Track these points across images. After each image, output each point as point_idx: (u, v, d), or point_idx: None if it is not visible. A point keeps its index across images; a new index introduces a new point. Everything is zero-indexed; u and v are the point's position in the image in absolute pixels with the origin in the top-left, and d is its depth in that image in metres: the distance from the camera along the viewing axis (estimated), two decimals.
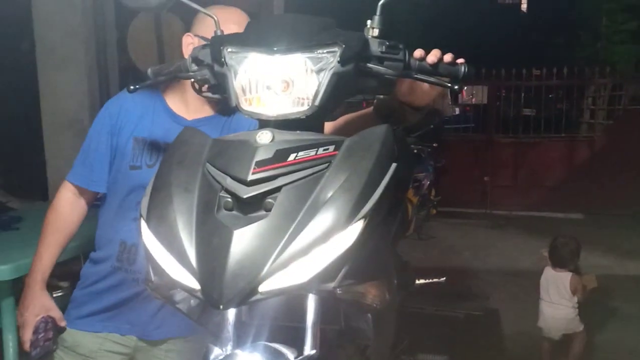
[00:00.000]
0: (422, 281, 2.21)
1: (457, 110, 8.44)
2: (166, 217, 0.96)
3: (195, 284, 0.90)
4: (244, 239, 0.89)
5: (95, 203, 1.60)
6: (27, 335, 1.47)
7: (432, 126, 5.01)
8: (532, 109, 7.85)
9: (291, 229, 0.91)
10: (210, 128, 1.35)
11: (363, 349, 1.30)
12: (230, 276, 0.87)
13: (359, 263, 0.95)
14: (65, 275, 1.81)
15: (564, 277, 2.84)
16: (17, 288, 1.82)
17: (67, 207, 1.55)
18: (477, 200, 6.30)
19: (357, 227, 0.93)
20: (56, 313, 1.50)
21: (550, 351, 2.91)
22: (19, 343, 1.63)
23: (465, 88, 6.92)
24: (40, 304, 1.49)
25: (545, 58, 7.12)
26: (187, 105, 1.49)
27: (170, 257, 0.93)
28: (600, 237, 4.72)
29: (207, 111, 1.49)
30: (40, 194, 3.32)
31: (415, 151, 5.07)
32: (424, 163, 5.42)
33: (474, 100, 7.03)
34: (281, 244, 0.90)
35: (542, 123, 6.76)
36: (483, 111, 7.28)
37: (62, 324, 1.51)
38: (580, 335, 2.85)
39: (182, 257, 0.92)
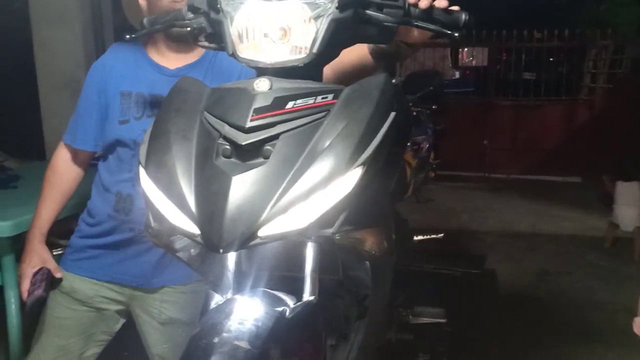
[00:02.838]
0: (420, 237, 2.24)
1: (457, 74, 8.36)
2: (165, 163, 0.96)
3: (194, 229, 0.91)
4: (242, 185, 0.90)
5: (94, 162, 1.64)
6: (25, 287, 1.54)
7: (431, 88, 4.96)
8: (532, 72, 7.77)
9: (290, 175, 0.91)
10: (194, 75, 1.35)
11: (361, 299, 1.32)
12: (229, 220, 0.88)
13: (357, 210, 0.96)
14: (64, 233, 1.83)
15: (634, 186, 3.97)
16: (17, 246, 1.84)
17: (63, 165, 1.60)
18: (475, 164, 6.31)
19: (355, 174, 0.93)
20: (51, 264, 1.56)
21: (616, 240, 4.04)
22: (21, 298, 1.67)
23: (466, 50, 6.84)
24: (37, 257, 1.55)
25: (547, 20, 7.00)
26: (165, 55, 1.51)
27: (169, 203, 0.94)
28: (597, 200, 4.74)
29: (187, 59, 1.50)
30: (38, 153, 3.32)
31: (415, 113, 5.05)
32: (423, 126, 5.38)
33: (474, 62, 6.95)
34: (280, 189, 0.90)
35: (542, 86, 6.70)
36: (483, 74, 7.22)
37: (58, 274, 1.56)
38: None
39: (181, 203, 0.92)
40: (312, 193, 0.91)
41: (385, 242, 1.06)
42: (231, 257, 1.05)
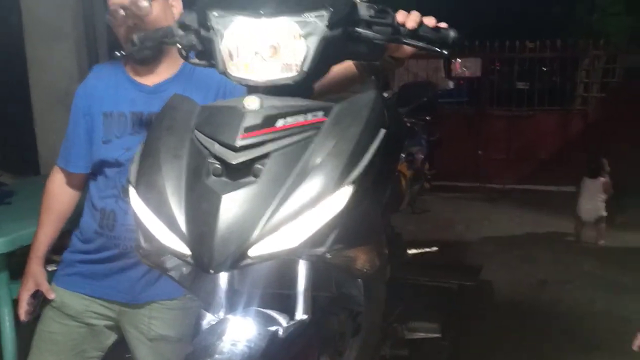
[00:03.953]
0: (414, 251, 2.24)
1: (452, 85, 8.38)
2: (155, 183, 0.95)
3: (185, 249, 0.91)
4: (232, 204, 0.89)
5: None
6: (20, 309, 1.60)
7: (425, 99, 4.97)
8: (526, 82, 7.80)
9: (280, 194, 0.91)
10: (173, 89, 1.37)
11: (355, 315, 1.31)
12: (220, 240, 0.87)
13: (348, 228, 0.96)
14: (60, 248, 1.83)
15: (598, 182, 4.39)
16: (12, 262, 1.84)
17: (58, 189, 1.65)
18: (470, 174, 6.32)
19: (346, 192, 0.93)
20: (44, 287, 1.59)
21: (584, 229, 4.45)
22: (15, 316, 1.71)
23: (459, 60, 6.87)
24: (32, 280, 1.60)
25: (539, 30, 7.06)
26: (142, 73, 1.54)
27: (159, 223, 0.93)
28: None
29: (164, 74, 1.53)
30: (32, 168, 3.31)
31: (409, 125, 5.05)
32: (417, 137, 5.38)
33: (467, 73, 6.98)
34: (270, 208, 0.90)
35: (535, 96, 6.73)
36: (477, 84, 7.25)
37: (50, 296, 1.59)
38: (603, 217, 4.37)
39: (171, 223, 0.92)
40: (303, 212, 0.91)
41: (377, 259, 1.06)
42: (223, 276, 1.05)
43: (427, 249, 2.22)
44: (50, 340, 1.58)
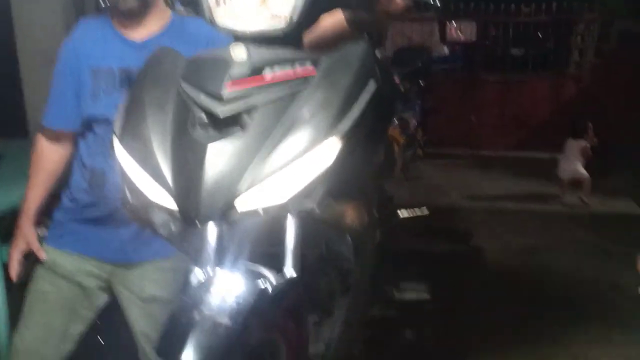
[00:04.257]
0: (405, 214, 2.24)
1: (447, 50, 8.27)
2: (140, 134, 0.93)
3: (171, 203, 0.89)
4: (218, 154, 0.87)
5: None
6: (10, 270, 1.59)
7: (420, 64, 4.91)
8: (520, 48, 7.72)
9: (267, 145, 0.89)
10: (162, 44, 1.32)
11: (344, 275, 1.31)
12: (206, 192, 0.86)
13: (338, 183, 0.94)
14: (52, 210, 1.81)
15: (578, 143, 4.55)
16: (2, 226, 1.82)
17: (46, 148, 1.60)
18: (464, 141, 6.29)
19: (335, 144, 0.91)
20: (35, 246, 1.57)
21: (567, 188, 4.60)
22: (6, 279, 1.71)
23: (454, 25, 6.76)
24: (23, 240, 1.58)
25: None
26: (130, 27, 1.49)
27: (145, 175, 0.91)
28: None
29: (153, 27, 1.48)
30: (21, 130, 3.25)
31: (403, 90, 4.99)
32: (411, 103, 5.34)
33: (462, 38, 6.88)
34: (257, 160, 0.88)
35: (530, 62, 6.67)
36: (471, 50, 7.16)
37: (41, 256, 1.57)
38: (587, 180, 4.48)
39: (157, 175, 0.90)
40: (291, 163, 0.89)
41: (366, 215, 1.05)
42: (212, 232, 1.03)
43: (418, 212, 2.21)
44: (41, 299, 1.56)
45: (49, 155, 1.61)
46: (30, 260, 1.57)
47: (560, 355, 2.34)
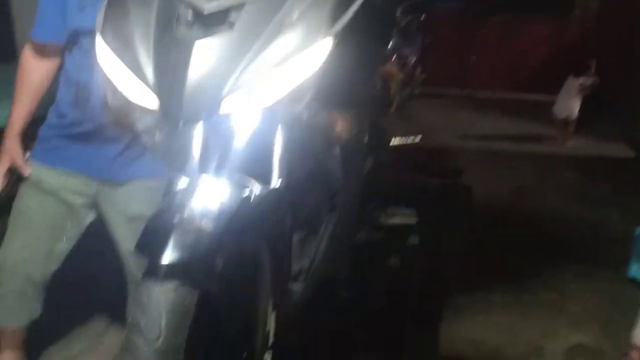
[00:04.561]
0: (397, 140, 2.21)
1: None
2: (122, 30, 0.89)
3: (153, 101, 0.86)
4: (204, 52, 0.84)
5: None
6: None
7: None
8: None
9: (256, 45, 0.86)
10: None
11: (332, 193, 1.30)
12: (190, 91, 0.83)
13: (328, 89, 0.91)
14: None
15: (574, 80, 4.49)
16: None
17: (32, 62, 1.56)
18: (461, 81, 6.19)
19: (326, 45, 0.87)
20: (19, 162, 1.56)
21: (561, 127, 4.59)
22: None
23: None
24: (7, 156, 1.56)
25: None
26: None
27: (127, 72, 0.88)
28: (579, 120, 4.73)
29: None
30: (9, 55, 3.18)
31: (403, 24, 4.85)
32: (411, 38, 5.19)
33: None
34: (245, 59, 0.85)
35: (534, 3, 6.48)
36: None
37: (26, 172, 1.56)
38: (572, 119, 4.54)
39: (139, 72, 0.87)
40: (280, 64, 0.86)
41: (356, 126, 1.03)
42: (197, 139, 1.00)
43: (410, 139, 2.19)
44: (26, 217, 1.56)
45: (35, 70, 1.57)
46: (14, 176, 1.56)
47: (541, 288, 2.39)
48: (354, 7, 0.90)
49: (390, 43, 4.40)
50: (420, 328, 2.02)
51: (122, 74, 0.89)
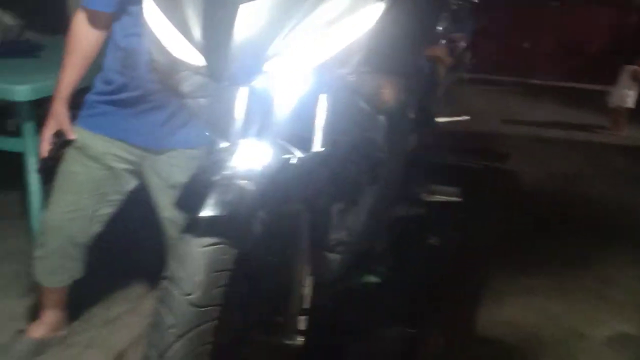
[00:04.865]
0: (444, 119, 2.17)
1: None
2: None
3: (199, 59, 0.86)
4: (251, 12, 0.83)
5: None
6: (42, 149, 1.60)
7: None
8: None
9: (305, 5, 0.84)
10: None
11: (374, 165, 1.28)
12: (235, 51, 0.82)
13: (376, 53, 0.89)
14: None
15: (629, 68, 4.40)
16: (39, 113, 1.85)
17: (82, 29, 1.57)
18: (514, 68, 6.01)
19: (377, 9, 0.85)
20: (66, 126, 1.58)
21: (614, 116, 4.51)
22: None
23: None
24: (54, 120, 1.59)
25: None
26: None
27: (174, 31, 0.88)
28: (635, 110, 4.52)
29: None
30: (62, 28, 3.25)
31: (455, 8, 4.72)
32: (462, 23, 5.06)
33: None
34: (293, 20, 0.83)
35: None
36: None
37: (71, 136, 1.58)
38: (625, 108, 4.44)
39: (186, 30, 0.87)
40: (328, 27, 0.84)
41: (402, 94, 1.00)
42: (241, 105, 1.00)
43: (458, 118, 2.14)
44: (71, 180, 1.59)
45: (85, 37, 1.58)
46: (60, 139, 1.58)
47: (586, 275, 2.32)
48: None
49: (441, 26, 4.30)
50: (457, 308, 1.99)
51: (169, 33, 0.89)
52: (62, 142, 1.58)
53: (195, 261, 0.79)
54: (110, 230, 1.66)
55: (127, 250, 2.04)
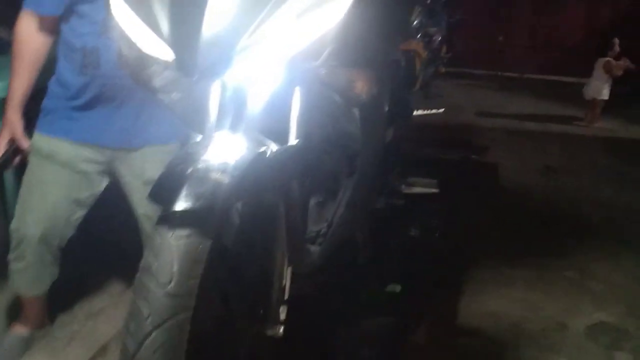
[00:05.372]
0: (420, 112, 2.19)
1: None
2: None
3: (168, 53, 0.85)
4: (219, 6, 0.83)
5: None
6: None
7: None
8: None
9: None
10: None
11: (351, 157, 1.28)
12: (204, 44, 0.82)
13: (346, 46, 0.90)
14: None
15: (602, 61, 4.46)
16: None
17: (28, 34, 1.50)
18: (489, 61, 6.09)
19: (344, 2, 0.86)
20: (18, 134, 1.52)
21: (589, 108, 4.59)
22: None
23: None
24: (6, 128, 1.53)
25: None
26: None
27: (141, 25, 0.87)
28: (610, 102, 4.61)
29: None
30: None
31: (429, 2, 4.75)
32: (437, 17, 5.10)
33: None
34: (263, 12, 0.83)
35: None
36: None
37: (23, 145, 1.53)
38: (599, 100, 4.51)
39: (154, 23, 0.86)
40: (297, 19, 0.85)
41: (375, 87, 1.01)
42: (214, 99, 1.00)
43: (433, 110, 2.16)
44: (43, 190, 1.53)
45: (31, 42, 1.50)
46: (12, 147, 1.53)
47: (565, 266, 2.35)
48: None
49: (416, 19, 4.32)
50: (440, 298, 2.02)
51: (137, 28, 0.88)
52: (14, 150, 1.53)
53: (170, 252, 0.79)
54: (90, 225, 1.64)
55: (109, 244, 2.02)
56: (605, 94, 4.47)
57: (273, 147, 1.01)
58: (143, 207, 1.54)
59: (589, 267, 2.36)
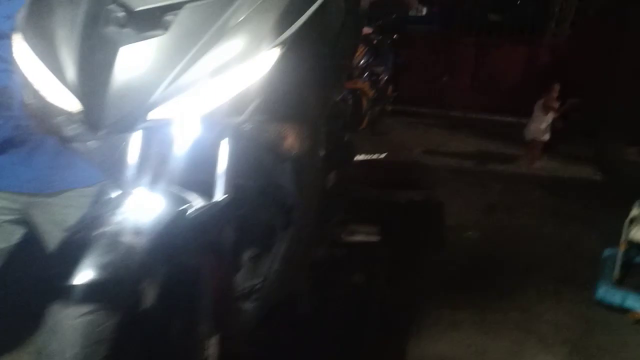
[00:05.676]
0: (362, 157, 2.16)
1: (425, 10, 8.10)
2: (45, 28, 0.81)
3: (74, 104, 0.78)
4: (132, 57, 0.76)
5: None
6: None
7: (394, 16, 4.76)
8: (498, 14, 7.62)
9: (193, 50, 0.78)
10: None
11: (287, 210, 1.22)
12: (114, 97, 0.74)
13: (274, 99, 0.84)
14: None
15: (540, 103, 4.63)
16: None
17: None
18: (433, 101, 6.23)
19: (270, 56, 0.80)
20: None
21: (529, 148, 4.67)
22: None
23: None
24: None
25: None
26: None
27: (47, 73, 0.79)
28: (550, 143, 4.76)
29: None
30: None
31: (375, 42, 4.84)
32: (383, 56, 5.20)
33: None
34: (178, 66, 0.77)
35: (507, 28, 6.57)
36: (449, 12, 7.02)
37: None
38: (539, 141, 4.62)
39: (59, 72, 0.78)
40: (219, 73, 0.79)
41: (308, 140, 0.95)
42: (134, 150, 0.93)
43: (376, 155, 2.14)
44: None
45: None
46: None
47: (510, 307, 2.35)
48: (308, 13, 0.83)
49: (362, 59, 4.36)
50: (386, 343, 1.95)
51: (42, 75, 0.80)
52: None
53: (67, 331, 0.70)
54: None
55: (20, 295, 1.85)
56: (545, 136, 4.60)
57: (197, 203, 0.93)
58: None
59: (533, 307, 2.36)
